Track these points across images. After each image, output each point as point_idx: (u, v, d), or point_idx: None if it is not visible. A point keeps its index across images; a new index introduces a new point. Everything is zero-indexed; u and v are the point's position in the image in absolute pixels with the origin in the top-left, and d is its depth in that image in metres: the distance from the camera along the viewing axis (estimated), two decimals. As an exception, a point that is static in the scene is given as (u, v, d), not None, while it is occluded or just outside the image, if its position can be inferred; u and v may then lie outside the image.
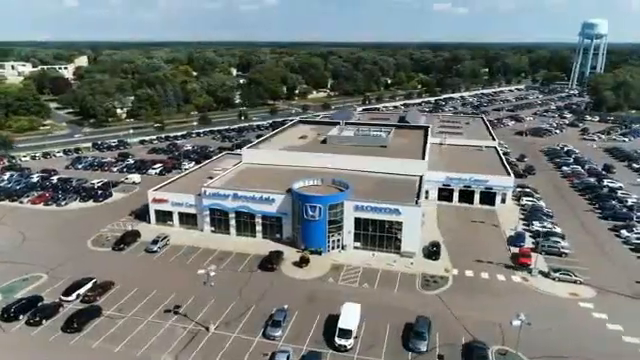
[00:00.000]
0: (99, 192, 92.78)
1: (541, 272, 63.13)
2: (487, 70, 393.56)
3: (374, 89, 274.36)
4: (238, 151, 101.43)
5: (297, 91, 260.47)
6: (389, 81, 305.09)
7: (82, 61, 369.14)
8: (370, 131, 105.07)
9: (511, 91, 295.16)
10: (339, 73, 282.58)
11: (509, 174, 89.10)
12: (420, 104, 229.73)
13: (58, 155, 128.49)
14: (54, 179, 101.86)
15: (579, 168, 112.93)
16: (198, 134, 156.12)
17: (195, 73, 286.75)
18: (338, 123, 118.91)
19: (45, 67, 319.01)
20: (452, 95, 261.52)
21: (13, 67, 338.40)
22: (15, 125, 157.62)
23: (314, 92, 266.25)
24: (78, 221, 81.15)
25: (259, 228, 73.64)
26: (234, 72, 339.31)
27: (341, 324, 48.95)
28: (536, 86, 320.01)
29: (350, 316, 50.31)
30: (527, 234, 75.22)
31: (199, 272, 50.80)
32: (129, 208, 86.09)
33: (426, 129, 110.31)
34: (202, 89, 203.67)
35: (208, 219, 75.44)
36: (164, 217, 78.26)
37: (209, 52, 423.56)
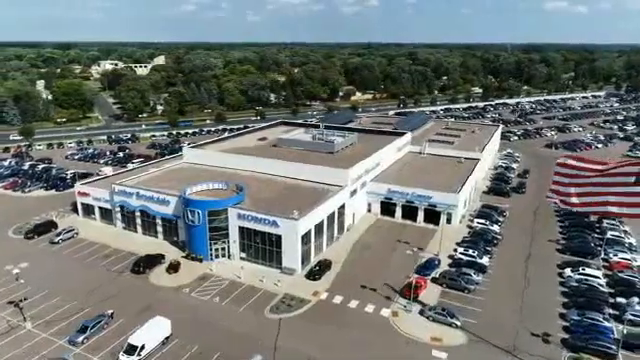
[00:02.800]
0: (64, 182, 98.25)
1: (423, 307, 54.26)
2: (573, 74, 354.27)
3: (423, 92, 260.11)
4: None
5: (341, 93, 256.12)
6: (448, 83, 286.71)
7: (160, 60, 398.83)
8: (334, 135, 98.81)
9: (585, 97, 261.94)
10: (389, 75, 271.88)
11: (457, 191, 78.05)
12: (459, 109, 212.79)
13: (70, 145, 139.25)
14: (39, 167, 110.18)
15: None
16: (209, 131, 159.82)
17: (254, 71, 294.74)
18: (318, 126, 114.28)
19: (123, 65, 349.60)
20: (507, 100, 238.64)
21: (106, 66, 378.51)
22: (57, 116, 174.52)
23: (358, 94, 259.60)
24: (24, 208, 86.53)
25: (160, 229, 72.65)
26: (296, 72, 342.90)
27: (131, 339, 46.01)
28: (619, 93, 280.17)
29: (150, 331, 47.11)
30: (447, 262, 65.44)
31: (6, 268, 50.97)
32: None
33: (402, 136, 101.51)
34: (235, 88, 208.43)
35: (119, 216, 76.21)
36: (89, 211, 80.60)
37: (281, 53, 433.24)
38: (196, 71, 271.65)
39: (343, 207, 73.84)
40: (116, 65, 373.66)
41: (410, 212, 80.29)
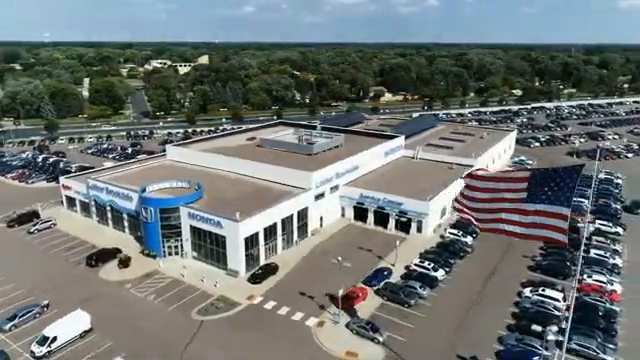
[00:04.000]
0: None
1: (351, 319, 51.89)
2: (630, 77, 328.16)
3: (456, 94, 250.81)
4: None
5: (371, 93, 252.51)
6: (485, 85, 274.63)
7: (204, 59, 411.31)
8: (320, 137, 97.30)
9: (637, 102, 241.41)
10: (421, 76, 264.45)
11: (428, 199, 73.93)
12: (488, 112, 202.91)
13: (90, 140, 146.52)
14: (50, 160, 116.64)
15: (584, 203, 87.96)
16: (224, 129, 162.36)
17: (296, 72, 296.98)
18: (315, 127, 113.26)
19: (168, 64, 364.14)
20: (545, 104, 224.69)
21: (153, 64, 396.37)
22: (88, 113, 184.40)
23: (388, 95, 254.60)
24: (22, 197, 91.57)
25: (126, 224, 74.50)
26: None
27: (45, 330, 47.29)
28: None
29: (66, 325, 48.25)
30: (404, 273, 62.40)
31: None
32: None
33: (392, 140, 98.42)
34: (259, 88, 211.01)
35: (94, 209, 78.98)
36: (72, 203, 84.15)
37: (323, 53, 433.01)
38: (232, 70, 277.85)
39: (306, 210, 72.38)
40: (164, 64, 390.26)
41: (382, 218, 77.35)
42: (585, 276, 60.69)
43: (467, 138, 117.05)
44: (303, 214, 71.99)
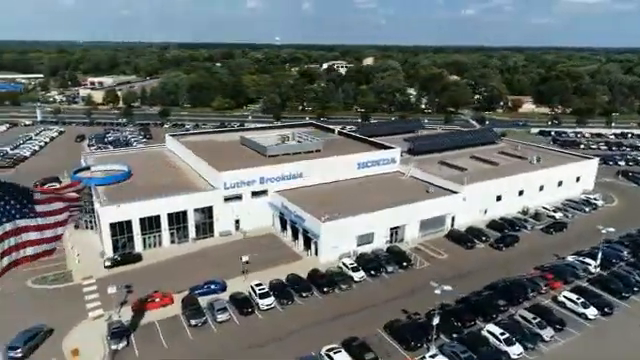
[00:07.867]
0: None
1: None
2: None
3: (623, 110, 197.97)
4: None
5: (510, 103, 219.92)
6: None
7: (368, 61, 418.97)
8: (306, 140, 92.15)
9: None
10: (579, 87, 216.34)
11: (324, 220, 63.20)
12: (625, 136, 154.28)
13: (187, 127, 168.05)
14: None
15: (590, 266, 62.06)
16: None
17: (455, 77, 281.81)
18: (333, 130, 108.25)
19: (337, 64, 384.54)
20: None
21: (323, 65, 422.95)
22: (216, 105, 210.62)
23: (530, 105, 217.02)
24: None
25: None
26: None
27: None
28: None
29: None
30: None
31: None
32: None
33: (377, 151, 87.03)
34: (369, 89, 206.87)
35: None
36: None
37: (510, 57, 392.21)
38: (372, 72, 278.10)
39: (211, 209, 71.17)
40: (333, 65, 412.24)
41: (295, 233, 70.29)
42: (428, 355, 44.77)
43: (508, 161, 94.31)
44: (206, 213, 71.04)
